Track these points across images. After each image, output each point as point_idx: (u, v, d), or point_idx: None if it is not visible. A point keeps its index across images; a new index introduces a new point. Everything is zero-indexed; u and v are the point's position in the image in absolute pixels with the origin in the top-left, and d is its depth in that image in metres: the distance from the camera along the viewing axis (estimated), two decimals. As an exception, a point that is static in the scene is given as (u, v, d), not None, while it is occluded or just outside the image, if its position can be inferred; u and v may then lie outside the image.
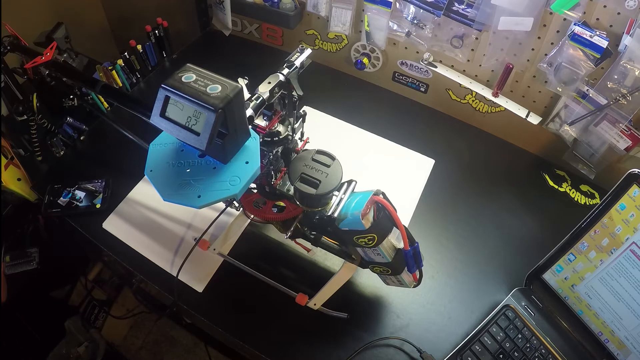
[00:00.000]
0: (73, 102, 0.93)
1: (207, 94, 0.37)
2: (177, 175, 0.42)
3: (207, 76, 0.39)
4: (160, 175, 0.43)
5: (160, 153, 0.45)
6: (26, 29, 0.89)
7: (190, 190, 0.41)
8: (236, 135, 0.41)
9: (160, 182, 0.42)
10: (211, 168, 0.42)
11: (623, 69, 0.75)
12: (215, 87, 0.38)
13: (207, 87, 0.38)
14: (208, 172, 0.42)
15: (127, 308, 1.42)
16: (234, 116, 0.39)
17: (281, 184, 0.61)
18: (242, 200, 0.67)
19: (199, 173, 0.42)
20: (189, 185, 0.41)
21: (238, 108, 0.39)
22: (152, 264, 0.78)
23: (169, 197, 0.41)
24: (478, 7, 0.84)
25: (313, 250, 0.74)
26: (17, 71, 0.87)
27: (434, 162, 0.96)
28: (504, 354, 0.69)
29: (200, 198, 0.40)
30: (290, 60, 0.52)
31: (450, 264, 0.81)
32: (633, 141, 0.81)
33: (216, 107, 0.36)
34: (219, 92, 0.37)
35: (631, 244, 0.63)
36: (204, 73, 0.39)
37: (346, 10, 1.01)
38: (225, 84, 0.38)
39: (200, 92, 0.37)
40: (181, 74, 0.39)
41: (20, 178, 0.89)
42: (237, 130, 0.41)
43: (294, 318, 0.71)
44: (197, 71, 0.40)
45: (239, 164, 0.42)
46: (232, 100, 0.37)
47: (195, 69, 0.40)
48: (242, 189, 0.41)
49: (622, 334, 0.67)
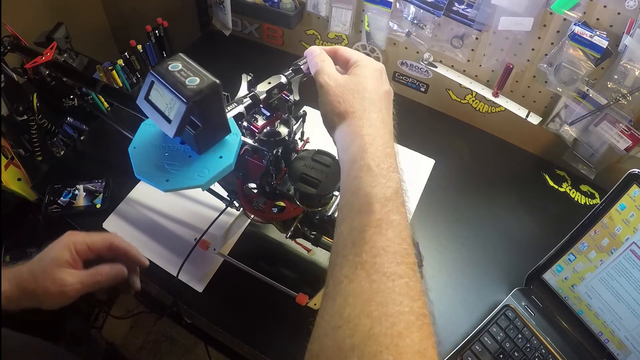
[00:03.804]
0: (73, 102, 0.93)
1: (184, 85, 0.38)
2: (156, 157, 0.44)
3: (192, 68, 0.40)
4: (140, 154, 0.44)
5: (148, 133, 0.46)
6: (26, 29, 0.89)
7: (161, 173, 0.42)
8: (211, 129, 0.42)
9: (138, 159, 0.44)
10: (187, 156, 0.43)
11: (623, 69, 0.75)
12: (194, 79, 0.38)
13: (187, 78, 0.39)
14: (183, 160, 0.43)
15: (127, 308, 1.42)
16: (208, 110, 0.40)
17: (281, 184, 0.61)
18: (242, 200, 0.67)
19: (175, 159, 0.43)
20: (162, 168, 0.43)
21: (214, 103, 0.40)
22: (152, 264, 0.78)
23: (141, 175, 0.43)
24: (478, 7, 0.84)
25: (313, 250, 0.74)
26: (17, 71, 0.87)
27: (434, 162, 0.96)
28: (504, 354, 0.69)
29: (168, 182, 0.42)
30: (297, 64, 0.52)
31: (451, 264, 0.81)
32: (633, 141, 0.81)
33: (188, 99, 0.37)
34: (196, 84, 0.38)
35: (631, 244, 0.63)
36: (190, 65, 0.40)
37: (346, 10, 1.01)
38: (204, 78, 0.39)
39: (179, 82, 0.38)
40: (170, 62, 0.40)
41: (20, 178, 0.89)
42: (212, 124, 0.42)
43: (294, 318, 0.71)
44: (184, 62, 0.40)
45: (212, 157, 0.43)
46: (206, 95, 0.38)
47: (184, 59, 0.41)
48: (207, 182, 0.42)
49: (622, 334, 0.67)
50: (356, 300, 0.34)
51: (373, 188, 0.39)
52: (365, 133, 0.43)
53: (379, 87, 0.47)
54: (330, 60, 0.49)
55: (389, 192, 0.39)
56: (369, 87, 0.46)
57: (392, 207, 0.38)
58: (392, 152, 0.43)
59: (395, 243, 0.37)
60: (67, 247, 0.54)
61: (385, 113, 0.46)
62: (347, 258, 0.37)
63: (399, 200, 0.40)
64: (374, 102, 0.45)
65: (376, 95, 0.46)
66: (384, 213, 0.38)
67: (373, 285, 0.34)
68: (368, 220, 0.38)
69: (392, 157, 0.42)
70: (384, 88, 0.47)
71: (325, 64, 0.48)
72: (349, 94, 0.45)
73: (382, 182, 0.39)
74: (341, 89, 0.46)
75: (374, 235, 0.37)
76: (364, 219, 0.38)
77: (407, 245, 0.37)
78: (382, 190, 0.39)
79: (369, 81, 0.46)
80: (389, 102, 0.48)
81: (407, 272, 0.35)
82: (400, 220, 0.38)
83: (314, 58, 0.49)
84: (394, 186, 0.40)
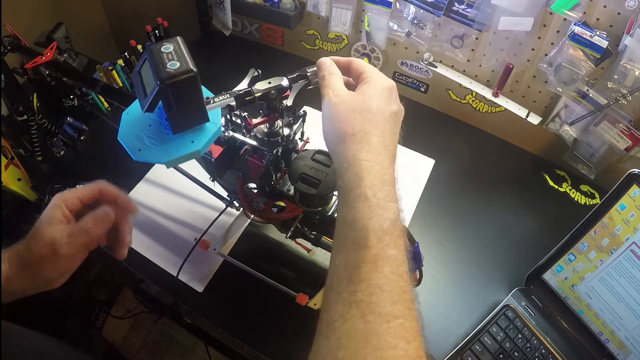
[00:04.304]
0: (73, 102, 0.93)
1: (164, 67, 0.39)
2: (140, 127, 0.45)
3: (179, 53, 0.40)
4: (129, 121, 0.46)
5: None
6: (26, 29, 0.89)
7: (137, 142, 0.44)
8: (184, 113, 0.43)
9: (125, 125, 0.46)
10: (165, 133, 0.44)
11: (623, 69, 0.75)
12: (175, 64, 0.39)
13: (170, 61, 0.39)
14: (161, 136, 0.44)
15: (127, 308, 1.42)
16: (180, 95, 0.40)
17: (281, 184, 0.61)
18: (242, 200, 0.67)
19: (155, 133, 0.45)
20: (140, 139, 0.44)
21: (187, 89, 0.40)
22: (152, 264, 0.78)
23: (121, 139, 0.45)
24: (478, 7, 0.84)
25: (313, 250, 0.74)
26: (17, 71, 0.87)
27: (434, 162, 0.96)
28: (504, 354, 0.69)
29: (140, 152, 0.43)
30: (304, 70, 0.51)
31: (451, 264, 0.81)
32: (633, 141, 0.81)
33: (161, 81, 0.38)
34: (174, 69, 0.39)
35: (631, 244, 0.63)
36: (180, 50, 0.41)
37: (346, 10, 1.01)
38: (183, 64, 0.39)
39: (161, 63, 0.39)
40: (164, 44, 0.41)
41: (20, 178, 0.89)
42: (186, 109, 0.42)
43: (294, 318, 0.71)
44: (177, 46, 0.41)
45: (184, 140, 0.44)
46: (179, 80, 0.39)
47: (178, 43, 0.41)
48: (171, 161, 0.43)
49: (622, 334, 0.67)
50: (350, 342, 0.33)
51: (369, 220, 0.38)
52: (363, 158, 0.41)
53: (384, 107, 0.45)
54: (339, 74, 0.48)
55: (386, 225, 0.38)
56: (374, 108, 0.44)
57: (389, 241, 0.37)
58: (391, 178, 0.41)
59: (392, 280, 0.36)
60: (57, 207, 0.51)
61: (388, 136, 0.44)
62: (341, 295, 0.36)
63: (396, 232, 0.38)
64: (377, 124, 0.43)
65: (380, 117, 0.44)
66: (381, 248, 0.37)
67: (368, 326, 0.34)
68: (364, 256, 0.37)
69: (390, 185, 0.41)
70: (390, 109, 0.45)
71: (332, 78, 0.47)
72: (352, 114, 0.43)
73: (379, 214, 0.38)
74: (344, 107, 0.44)
75: (369, 272, 0.36)
76: (360, 253, 0.37)
77: (403, 282, 0.36)
78: (379, 223, 0.38)
79: (374, 101, 0.44)
80: (394, 124, 0.45)
81: (402, 312, 0.35)
82: (397, 254, 0.37)
83: (323, 70, 0.48)
84: (392, 217, 0.39)
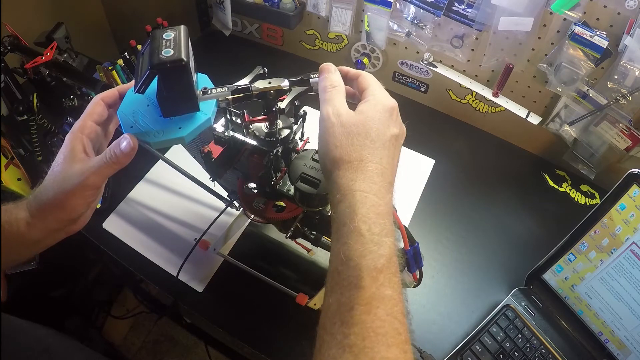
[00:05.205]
0: (73, 102, 0.93)
1: (159, 53, 0.40)
2: (139, 104, 0.46)
3: (177, 41, 0.41)
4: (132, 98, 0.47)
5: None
6: (26, 29, 0.89)
7: (131, 119, 0.45)
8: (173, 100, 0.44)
9: (127, 101, 0.47)
10: (158, 116, 0.46)
11: (623, 69, 0.75)
12: (169, 51, 0.40)
13: (165, 48, 0.40)
14: (153, 117, 0.45)
15: (127, 308, 1.42)
16: (169, 81, 0.42)
17: (281, 184, 0.61)
18: (242, 200, 0.67)
19: (149, 113, 0.46)
20: (135, 116, 0.45)
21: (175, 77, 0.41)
22: (152, 264, 0.78)
23: (119, 114, 0.46)
24: (478, 7, 0.84)
25: (313, 250, 0.74)
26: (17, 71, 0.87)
27: (434, 162, 0.97)
28: (504, 354, 0.69)
29: (132, 129, 0.44)
30: (308, 76, 0.51)
31: (451, 264, 0.81)
32: (633, 141, 0.81)
33: (151, 65, 0.40)
34: (166, 56, 0.40)
35: (631, 244, 0.63)
36: (180, 39, 0.41)
37: (346, 10, 1.01)
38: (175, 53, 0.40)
39: (157, 48, 0.40)
40: (167, 30, 0.42)
41: (20, 178, 0.89)
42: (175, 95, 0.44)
43: (294, 318, 0.71)
44: (177, 35, 0.42)
45: (173, 125, 0.45)
46: (167, 68, 0.40)
47: (180, 32, 0.42)
48: (157, 143, 0.44)
49: (622, 334, 0.67)
50: None
51: (363, 259, 0.36)
52: (358, 189, 0.39)
53: (384, 131, 0.42)
54: (341, 87, 0.46)
55: (380, 263, 0.36)
56: (373, 133, 0.42)
57: (384, 280, 0.36)
58: (386, 210, 0.39)
59: (387, 322, 0.35)
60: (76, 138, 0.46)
61: (387, 162, 0.42)
62: (335, 337, 0.35)
63: (391, 269, 0.37)
64: (375, 150, 0.41)
65: (379, 142, 0.42)
66: (375, 288, 0.36)
67: None
68: (357, 298, 0.35)
69: (385, 217, 0.39)
70: (390, 132, 0.43)
71: (334, 92, 0.45)
72: (349, 138, 0.41)
73: (374, 250, 0.37)
74: (342, 129, 0.42)
75: (363, 314, 0.35)
76: (353, 295, 0.36)
77: (398, 323, 0.36)
78: (373, 262, 0.36)
79: (374, 124, 0.42)
80: (394, 148, 0.43)
81: (397, 356, 0.34)
82: (393, 294, 0.36)
83: (325, 81, 0.46)
84: (387, 253, 0.37)
